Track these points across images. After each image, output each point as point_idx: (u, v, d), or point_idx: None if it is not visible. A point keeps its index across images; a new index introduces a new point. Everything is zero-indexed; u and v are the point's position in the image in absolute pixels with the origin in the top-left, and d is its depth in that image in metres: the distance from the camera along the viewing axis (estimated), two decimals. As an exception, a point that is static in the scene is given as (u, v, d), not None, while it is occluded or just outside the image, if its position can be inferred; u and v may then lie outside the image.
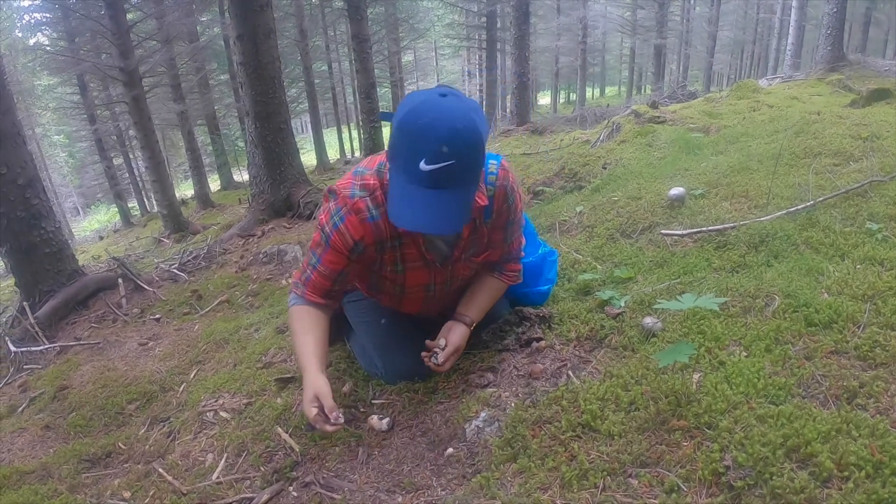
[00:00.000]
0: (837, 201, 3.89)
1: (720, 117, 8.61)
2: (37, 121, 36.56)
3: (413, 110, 2.10)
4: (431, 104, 2.10)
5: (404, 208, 2.19)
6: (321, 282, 2.72)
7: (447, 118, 2.07)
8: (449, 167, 2.09)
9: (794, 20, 20.93)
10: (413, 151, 2.10)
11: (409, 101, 2.17)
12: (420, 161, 2.08)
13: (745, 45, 54.32)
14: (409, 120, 2.10)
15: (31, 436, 3.89)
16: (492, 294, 2.94)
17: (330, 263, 2.65)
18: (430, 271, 2.78)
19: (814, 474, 1.79)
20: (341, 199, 2.51)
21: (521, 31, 20.59)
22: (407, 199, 2.17)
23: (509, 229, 2.79)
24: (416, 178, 2.12)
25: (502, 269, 2.94)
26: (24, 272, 6.33)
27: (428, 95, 2.15)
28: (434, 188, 2.13)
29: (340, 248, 2.56)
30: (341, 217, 2.51)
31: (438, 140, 2.05)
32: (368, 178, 2.51)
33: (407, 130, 2.11)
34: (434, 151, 2.06)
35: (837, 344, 2.39)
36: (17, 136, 6.04)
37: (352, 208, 2.48)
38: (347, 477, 2.53)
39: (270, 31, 8.68)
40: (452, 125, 2.07)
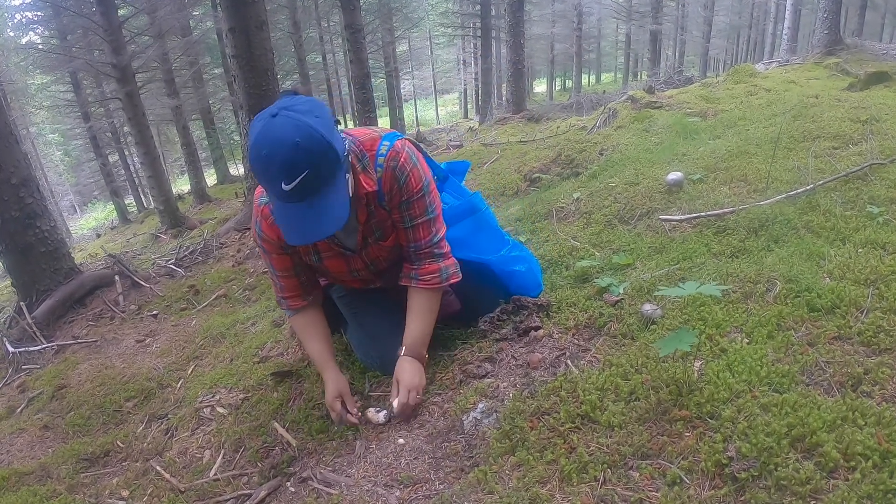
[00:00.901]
0: (837, 185, 3.86)
1: (717, 102, 8.57)
2: (31, 120, 36.48)
3: (254, 145, 2.20)
4: (265, 133, 2.18)
5: (287, 226, 2.35)
6: (289, 283, 2.97)
7: (283, 140, 2.16)
8: (306, 178, 2.19)
9: (791, 4, 20.85)
10: (270, 179, 2.22)
11: (251, 133, 2.24)
12: (280, 184, 2.19)
13: (741, 29, 54.34)
14: (254, 156, 2.21)
15: (30, 436, 3.88)
16: (422, 313, 2.89)
17: (280, 265, 2.90)
18: (345, 259, 2.93)
19: (819, 465, 1.76)
20: (255, 209, 2.77)
21: (515, 19, 20.53)
22: (286, 218, 2.33)
23: (406, 211, 2.76)
24: (284, 197, 2.24)
25: (416, 274, 2.87)
26: (20, 272, 6.31)
27: (262, 124, 2.22)
28: (303, 200, 2.26)
29: (274, 249, 2.82)
30: (259, 225, 2.77)
31: (284, 162, 2.16)
32: None
33: (257, 165, 2.22)
34: (286, 172, 2.17)
35: (840, 329, 2.36)
36: (10, 135, 6.02)
37: (262, 215, 2.73)
38: (345, 471, 2.51)
39: (262, 22, 8.63)
40: (291, 144, 2.16)
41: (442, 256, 2.87)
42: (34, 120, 37.57)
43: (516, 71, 21.48)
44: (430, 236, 2.81)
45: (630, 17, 40.04)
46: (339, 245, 2.86)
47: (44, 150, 45.75)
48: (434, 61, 66.66)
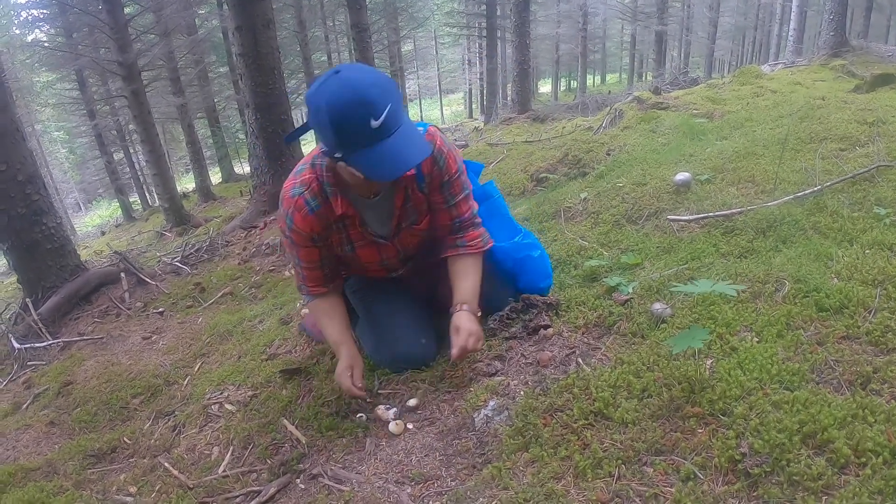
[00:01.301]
0: (844, 186, 3.86)
1: (724, 103, 8.57)
2: (36, 117, 36.49)
3: (333, 95, 2.26)
4: (340, 83, 2.27)
5: (384, 166, 2.37)
6: (313, 273, 3.00)
7: (361, 82, 2.27)
8: (390, 110, 2.28)
9: (796, 5, 20.82)
10: (359, 124, 2.26)
11: (318, 96, 2.30)
12: (368, 124, 2.25)
13: (746, 30, 54.25)
14: (336, 108, 2.25)
15: (36, 432, 3.89)
16: (471, 274, 2.97)
17: (307, 257, 2.94)
18: (377, 247, 3.00)
19: (831, 461, 1.77)
20: (286, 200, 2.77)
21: (521, 19, 20.54)
22: (384, 157, 2.35)
23: (448, 190, 2.89)
24: (375, 137, 2.30)
25: (463, 241, 2.97)
26: (26, 269, 6.32)
27: (334, 79, 2.29)
28: (390, 135, 2.33)
29: (304, 241, 2.85)
30: (290, 218, 2.77)
31: (371, 100, 2.25)
32: (305, 174, 2.76)
33: (342, 116, 2.26)
34: (372, 109, 2.25)
35: (849, 329, 2.36)
36: (16, 132, 6.03)
37: (295, 207, 2.74)
38: (355, 468, 2.51)
39: (269, 21, 8.65)
40: (368, 83, 2.27)
41: (480, 224, 3.04)
42: (40, 117, 37.61)
43: (522, 71, 21.49)
44: (469, 210, 2.98)
45: (635, 18, 40.04)
46: (372, 233, 2.93)
47: (49, 148, 45.79)
48: (439, 61, 66.62)
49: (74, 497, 2.99)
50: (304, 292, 3.08)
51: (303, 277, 3.01)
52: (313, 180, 2.71)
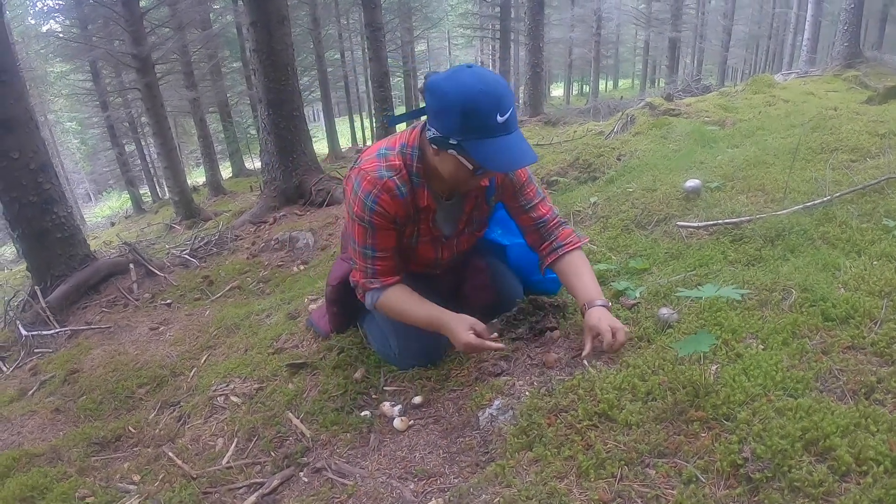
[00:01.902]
0: (854, 197, 3.85)
1: (735, 111, 8.56)
2: (49, 107, 36.65)
3: (465, 87, 2.34)
4: (475, 75, 2.37)
5: (501, 157, 2.43)
6: (387, 264, 2.89)
7: (493, 79, 2.38)
8: (513, 111, 2.41)
9: (811, 15, 20.80)
10: (486, 114, 2.34)
11: (449, 83, 2.39)
12: (495, 117, 2.35)
13: (760, 39, 54.15)
14: (468, 95, 2.33)
15: (41, 419, 3.90)
16: (585, 269, 2.94)
17: (384, 243, 2.83)
18: (436, 246, 3.02)
19: (832, 468, 1.77)
20: (369, 181, 2.67)
21: (535, 22, 20.54)
22: (502, 150, 2.41)
23: (522, 197, 2.96)
24: (498, 130, 2.38)
25: (559, 243, 2.96)
26: (36, 257, 6.35)
27: (463, 72, 2.40)
28: (510, 132, 2.42)
29: (385, 224, 2.75)
30: (374, 199, 2.67)
31: (501, 95, 2.36)
32: (393, 159, 2.69)
33: (472, 104, 2.33)
34: (501, 104, 2.35)
35: (854, 339, 2.36)
36: (30, 121, 6.07)
37: (383, 188, 2.66)
38: (359, 463, 2.53)
39: (284, 17, 8.68)
40: (499, 80, 2.41)
41: (566, 224, 3.04)
42: (52, 107, 37.76)
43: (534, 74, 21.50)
44: (550, 211, 3.01)
45: (649, 24, 40.04)
46: (440, 230, 2.97)
47: (61, 138, 45.92)
48: (452, 62, 66.55)
49: (78, 483, 3.00)
50: (375, 286, 2.92)
51: (372, 270, 2.88)
52: (402, 168, 2.69)
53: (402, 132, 2.78)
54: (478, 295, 3.24)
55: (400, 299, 2.92)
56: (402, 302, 2.92)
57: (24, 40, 30.20)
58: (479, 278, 3.25)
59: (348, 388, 3.07)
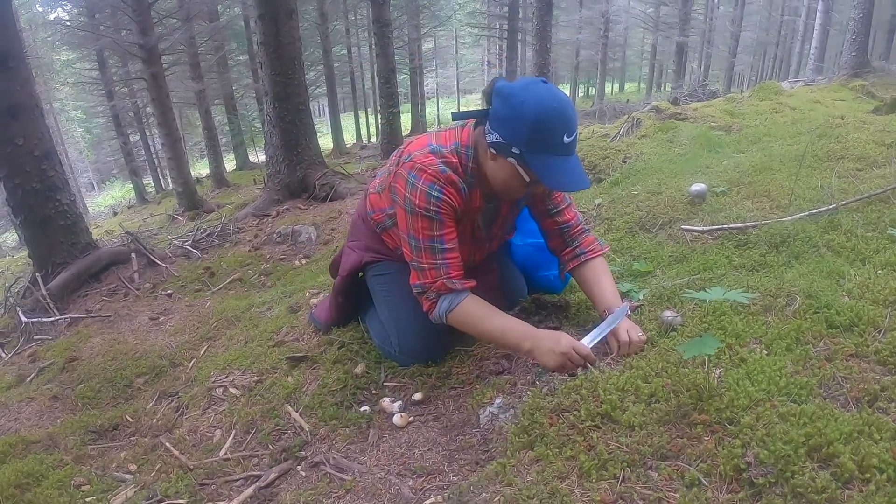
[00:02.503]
0: (860, 206, 3.84)
1: (742, 117, 8.55)
2: (55, 95, 36.63)
3: (541, 101, 2.40)
4: (550, 91, 2.44)
5: (561, 176, 2.49)
6: (456, 259, 2.77)
7: (566, 99, 2.46)
8: (576, 133, 2.48)
9: (819, 24, 20.83)
10: (557, 132, 2.41)
11: (525, 94, 2.43)
12: (562, 137, 2.42)
13: (767, 46, 54.12)
14: (543, 110, 2.39)
15: (39, 406, 3.90)
16: (605, 276, 2.97)
17: (451, 236, 2.75)
18: (471, 247, 3.05)
19: (835, 475, 1.75)
20: (431, 174, 2.65)
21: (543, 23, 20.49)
22: (562, 169, 2.48)
23: (550, 201, 3.02)
24: (561, 150, 2.45)
25: (581, 249, 3.02)
26: (37, 244, 6.36)
27: (540, 87, 2.46)
28: (571, 154, 2.50)
29: (451, 215, 2.73)
30: (440, 190, 2.65)
31: (571, 117, 2.44)
32: (450, 157, 2.71)
33: (547, 119, 2.40)
34: (569, 126, 2.43)
35: (858, 347, 2.34)
36: (36, 108, 6.07)
37: (447, 181, 2.66)
38: (357, 458, 2.52)
39: (292, 11, 8.69)
40: (569, 103, 2.47)
41: (589, 231, 3.11)
42: (58, 95, 37.75)
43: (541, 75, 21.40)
44: (574, 217, 3.06)
45: (657, 28, 40.07)
46: (481, 231, 3.04)
47: (66, 127, 45.93)
48: (458, 61, 66.64)
49: (74, 471, 3.00)
50: (453, 288, 2.74)
51: (446, 269, 2.72)
52: (458, 166, 2.71)
53: (448, 130, 2.81)
54: (484, 297, 3.23)
55: (482, 310, 2.76)
56: (484, 312, 2.76)
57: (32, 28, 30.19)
58: (489, 280, 3.23)
59: (348, 383, 3.07)
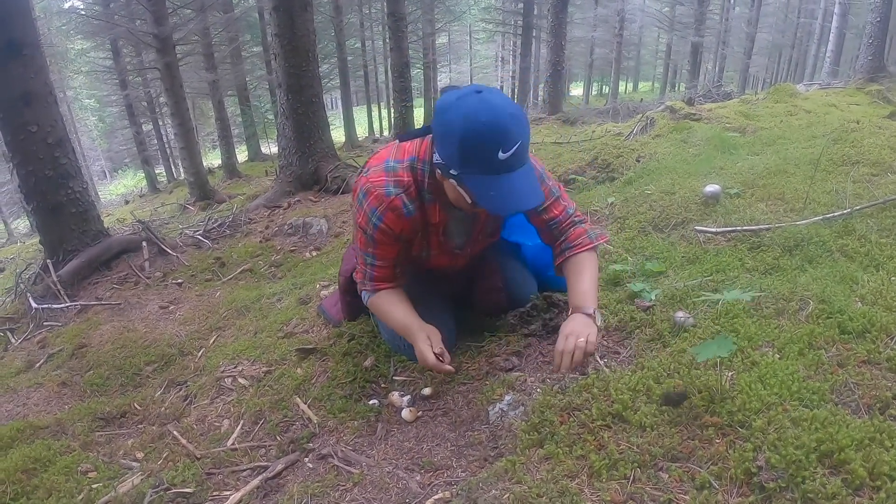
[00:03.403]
0: (874, 211, 3.81)
1: (757, 119, 8.52)
2: (68, 84, 36.70)
3: (468, 118, 2.20)
4: (482, 103, 2.22)
5: (499, 198, 2.32)
6: (384, 272, 2.89)
7: (502, 109, 2.22)
8: (520, 146, 2.25)
9: (836, 27, 20.69)
10: (487, 150, 2.22)
11: (454, 110, 2.26)
12: (497, 153, 2.21)
13: (783, 48, 53.84)
14: (470, 127, 2.20)
15: (47, 391, 3.92)
16: (582, 273, 2.77)
17: (384, 255, 2.81)
18: (451, 256, 3.01)
19: (846, 481, 1.75)
20: (376, 197, 2.62)
21: (558, 20, 20.52)
22: (500, 189, 2.30)
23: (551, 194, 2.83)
24: (498, 168, 2.26)
25: (567, 244, 2.84)
26: (49, 231, 6.38)
27: (471, 99, 2.25)
28: (513, 171, 2.28)
29: (388, 240, 2.73)
30: (379, 217, 2.63)
31: (506, 130, 2.21)
32: (402, 174, 2.63)
33: (474, 137, 2.21)
34: (505, 140, 2.21)
35: (870, 353, 2.33)
36: (49, 95, 6.09)
37: (388, 206, 2.61)
38: (365, 452, 2.52)
39: (307, 3, 8.68)
40: (508, 113, 2.22)
41: (582, 222, 2.89)
42: (72, 84, 37.84)
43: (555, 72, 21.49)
44: (563, 211, 2.85)
45: (672, 28, 39.89)
46: (452, 243, 2.95)
47: (79, 115, 46.06)
48: (472, 56, 66.68)
49: (81, 458, 3.01)
50: (369, 288, 2.95)
51: (370, 275, 2.90)
52: (411, 184, 2.62)
53: (412, 143, 2.70)
54: (488, 298, 3.24)
55: (383, 303, 2.94)
56: (384, 306, 2.93)
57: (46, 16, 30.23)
58: (490, 280, 3.24)
59: (357, 376, 3.07)
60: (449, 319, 3.11)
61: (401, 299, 2.92)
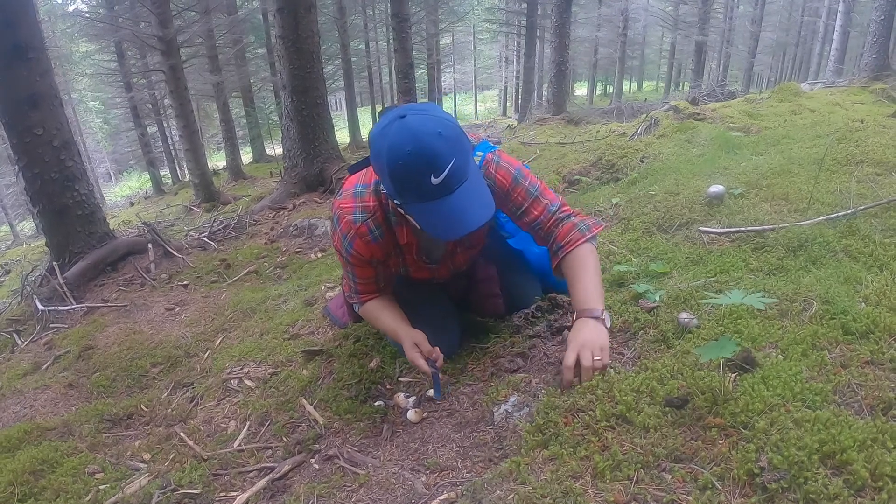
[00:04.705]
0: (878, 211, 3.80)
1: (761, 118, 8.50)
2: (73, 86, 36.82)
3: (394, 146, 2.15)
4: (404, 130, 2.15)
5: (440, 224, 2.28)
6: (367, 287, 2.99)
7: (426, 133, 2.13)
8: (454, 165, 2.17)
9: (840, 25, 20.65)
10: (417, 178, 2.16)
11: (380, 140, 2.21)
12: (428, 179, 2.15)
13: (787, 47, 53.77)
14: (395, 158, 2.15)
15: (54, 393, 3.94)
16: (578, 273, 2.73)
17: (363, 274, 2.92)
18: (430, 269, 3.05)
19: (848, 482, 1.75)
20: (345, 223, 2.68)
21: (562, 19, 20.51)
22: (438, 215, 2.26)
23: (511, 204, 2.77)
24: (434, 194, 2.20)
25: (558, 244, 2.78)
26: (55, 233, 6.40)
27: (396, 125, 2.18)
28: (451, 192, 2.22)
29: (363, 263, 2.82)
30: (349, 242, 2.72)
31: (433, 154, 2.13)
32: (368, 200, 2.66)
33: (401, 168, 2.16)
34: (433, 164, 2.14)
35: (873, 354, 2.32)
36: (55, 98, 6.12)
37: (356, 233, 2.68)
38: (371, 453, 2.53)
39: (311, 5, 8.71)
40: (434, 134, 2.14)
41: (569, 216, 2.81)
42: (76, 87, 37.97)
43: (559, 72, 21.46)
44: (544, 210, 2.78)
45: (676, 27, 39.84)
46: (426, 262, 2.97)
47: (84, 117, 46.20)
48: (476, 56, 66.69)
49: (88, 459, 3.03)
50: (357, 300, 3.04)
51: (356, 290, 2.99)
52: (377, 209, 2.63)
53: None
54: (486, 304, 3.26)
55: (373, 310, 3.02)
56: (374, 313, 3.01)
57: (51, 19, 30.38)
58: (487, 287, 3.26)
59: (363, 378, 3.08)
60: (451, 324, 3.13)
61: (386, 306, 2.99)
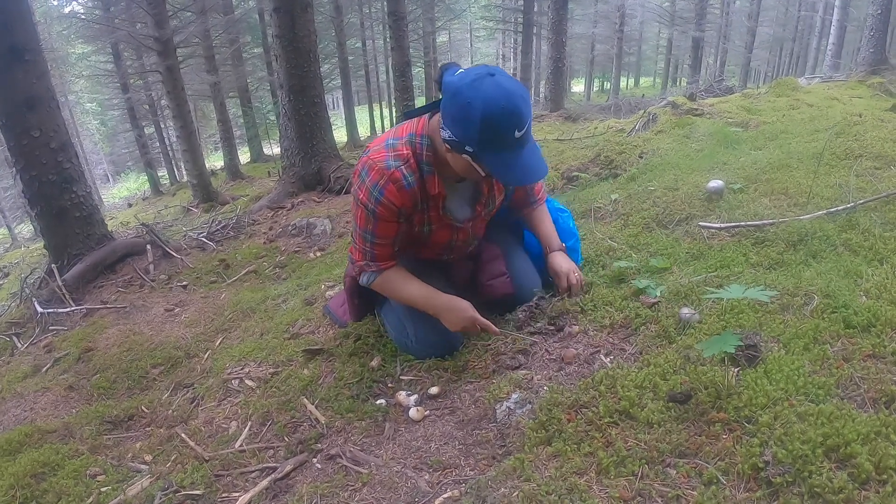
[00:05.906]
0: (878, 205, 3.80)
1: (759, 113, 8.49)
2: (70, 88, 36.74)
3: (490, 99, 2.36)
4: (498, 87, 2.39)
5: (514, 172, 2.54)
6: (384, 251, 2.99)
7: (516, 93, 2.40)
8: (529, 125, 2.47)
9: (836, 20, 20.62)
10: (505, 129, 2.40)
11: (470, 92, 2.40)
12: (513, 133, 2.41)
13: (784, 42, 53.68)
14: (490, 108, 2.36)
15: (55, 395, 3.93)
16: (546, 220, 3.44)
17: (384, 233, 2.90)
18: (452, 230, 3.09)
19: (852, 475, 1.75)
20: (377, 171, 2.73)
21: (558, 16, 20.51)
22: (515, 164, 2.51)
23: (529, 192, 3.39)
24: (513, 146, 2.46)
25: (534, 199, 3.43)
26: (53, 235, 6.39)
27: (487, 83, 2.40)
28: (524, 146, 2.50)
29: (389, 216, 2.82)
30: (381, 190, 2.73)
31: (521, 112, 2.40)
32: (401, 149, 2.76)
33: (495, 119, 2.38)
34: (519, 121, 2.41)
35: (875, 348, 2.32)
36: (52, 100, 6.10)
37: (389, 178, 2.72)
38: (373, 452, 2.53)
39: (307, 4, 8.69)
40: (520, 96, 2.41)
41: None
42: (73, 88, 37.93)
43: (556, 69, 21.48)
44: (542, 186, 3.44)
45: (673, 23, 39.82)
46: (450, 217, 3.02)
47: (81, 119, 46.14)
48: (473, 54, 66.65)
49: (89, 462, 3.02)
50: (372, 269, 3.03)
51: (371, 254, 2.99)
52: (410, 156, 2.74)
53: (410, 121, 2.85)
54: (494, 285, 3.27)
55: (392, 281, 3.06)
56: (398, 283, 3.06)
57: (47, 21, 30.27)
58: (495, 267, 3.31)
59: (364, 376, 3.08)
60: None
61: (408, 276, 3.06)
